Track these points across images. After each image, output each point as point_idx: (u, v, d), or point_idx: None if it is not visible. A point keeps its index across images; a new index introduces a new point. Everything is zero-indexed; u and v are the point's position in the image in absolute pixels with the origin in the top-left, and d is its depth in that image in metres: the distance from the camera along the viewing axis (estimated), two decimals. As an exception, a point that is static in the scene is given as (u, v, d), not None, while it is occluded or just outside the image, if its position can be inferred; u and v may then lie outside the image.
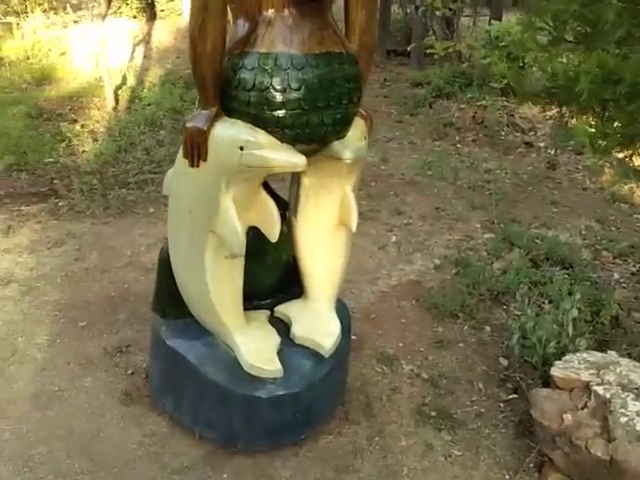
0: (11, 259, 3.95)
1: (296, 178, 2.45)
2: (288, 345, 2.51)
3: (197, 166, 2.06)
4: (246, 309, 2.55)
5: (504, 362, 3.05)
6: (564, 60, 2.72)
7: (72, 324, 3.33)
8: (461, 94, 7.22)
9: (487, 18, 8.69)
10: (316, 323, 2.55)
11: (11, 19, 9.50)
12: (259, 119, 1.99)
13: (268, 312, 2.62)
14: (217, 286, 2.31)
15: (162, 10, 10.67)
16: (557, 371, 2.37)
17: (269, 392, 2.37)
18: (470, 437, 2.62)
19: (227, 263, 2.29)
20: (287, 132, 2.01)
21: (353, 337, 3.21)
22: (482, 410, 2.78)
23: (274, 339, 2.47)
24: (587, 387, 2.28)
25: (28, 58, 8.99)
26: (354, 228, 2.42)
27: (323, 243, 2.51)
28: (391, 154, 5.89)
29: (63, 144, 5.83)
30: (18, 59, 8.95)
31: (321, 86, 1.98)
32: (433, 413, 2.75)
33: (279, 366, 2.37)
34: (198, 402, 2.50)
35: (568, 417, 2.20)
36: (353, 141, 2.19)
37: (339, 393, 2.71)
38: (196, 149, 2.02)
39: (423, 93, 7.57)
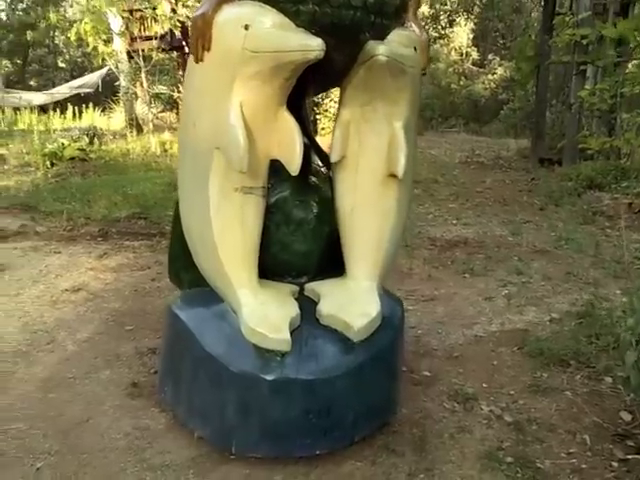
0: (92, 275, 3.86)
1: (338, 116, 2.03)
2: (311, 325, 1.96)
3: (202, 60, 1.76)
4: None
5: (627, 417, 2.18)
6: None
7: (119, 327, 3.07)
8: (615, 185, 6.38)
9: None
10: (349, 301, 1.99)
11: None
12: None
13: (297, 288, 2.11)
14: (223, 225, 1.89)
15: (322, 128, 11.12)
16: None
17: (272, 373, 1.82)
18: (557, 494, 1.79)
19: (238, 198, 1.88)
20: (302, 8, 1.65)
21: (426, 373, 2.57)
22: (583, 466, 1.93)
23: (290, 311, 1.94)
24: None
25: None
26: (400, 173, 1.90)
27: (367, 197, 2.01)
28: (524, 230, 5.20)
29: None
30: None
31: None
32: (509, 459, 1.97)
33: (287, 336, 1.83)
34: (192, 384, 2.00)
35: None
36: (395, 45, 1.76)
37: (377, 406, 2.04)
38: (200, 38, 1.73)
39: (572, 185, 6.83)
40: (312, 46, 1.60)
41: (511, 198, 6.78)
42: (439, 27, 17.41)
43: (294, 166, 1.82)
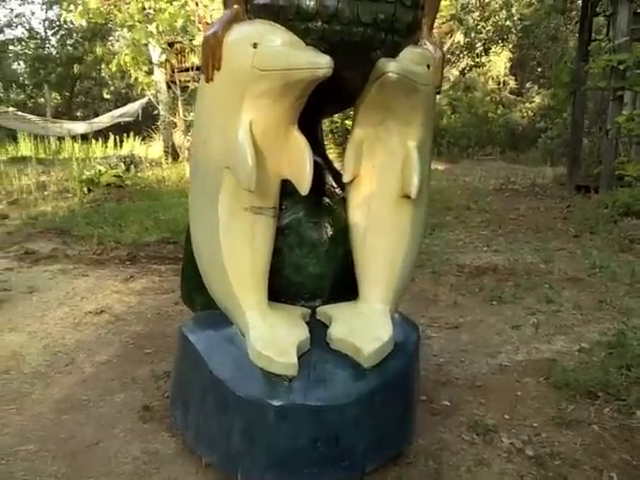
0: (117, 298, 3.88)
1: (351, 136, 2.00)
2: (321, 349, 1.91)
3: (212, 79, 1.76)
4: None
5: (659, 454, 2.05)
6: None
7: (138, 350, 3.06)
8: (655, 211, 6.20)
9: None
10: (361, 325, 1.93)
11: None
12: (278, 9, 1.67)
13: (308, 311, 2.07)
14: (232, 245, 1.87)
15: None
16: None
17: (279, 398, 1.77)
18: (579, 533, 1.68)
19: (247, 218, 1.86)
20: (311, 26, 1.64)
21: (446, 403, 2.48)
22: (609, 505, 1.82)
23: (300, 334, 1.89)
24: None
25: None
26: (414, 194, 1.85)
27: (380, 219, 1.96)
28: (556, 258, 5.05)
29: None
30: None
31: None
32: (529, 496, 1.86)
33: (294, 360, 1.78)
34: (200, 408, 1.96)
35: None
36: (407, 62, 1.74)
37: (390, 436, 1.95)
38: (211, 57, 1.73)
39: (608, 212, 6.64)
40: (321, 64, 1.58)
41: (544, 225, 6.62)
42: (474, 55, 17.36)
43: (304, 186, 1.80)
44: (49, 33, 24.50)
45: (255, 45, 1.65)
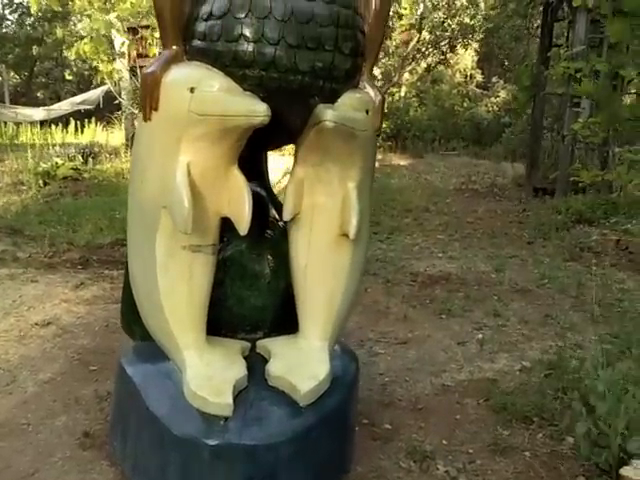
0: (65, 307, 3.83)
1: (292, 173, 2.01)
2: (259, 386, 1.93)
3: (149, 119, 1.74)
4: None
5: (584, 483, 2.13)
6: None
7: (83, 366, 3.03)
8: (604, 220, 6.36)
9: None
10: (298, 363, 1.95)
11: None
12: (216, 54, 1.67)
13: (248, 345, 2.08)
14: (170, 285, 1.86)
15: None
16: (630, 472, 1.51)
17: (214, 438, 1.78)
18: None
19: (185, 257, 1.86)
20: (248, 73, 1.64)
21: (387, 426, 2.52)
22: (533, 538, 1.88)
23: (237, 372, 1.90)
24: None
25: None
26: (352, 234, 1.88)
27: (320, 256, 1.99)
28: (508, 267, 5.15)
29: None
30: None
31: (295, 19, 1.62)
32: (458, 528, 1.92)
33: (229, 401, 1.79)
34: (137, 441, 1.96)
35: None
36: (345, 108, 1.75)
37: (325, 469, 1.99)
38: (148, 97, 1.72)
39: (561, 218, 6.80)
40: (258, 111, 1.59)
41: (500, 230, 6.74)
42: (440, 52, 17.42)
43: (243, 225, 1.80)
44: (7, 12, 23.73)
45: (192, 89, 1.64)
